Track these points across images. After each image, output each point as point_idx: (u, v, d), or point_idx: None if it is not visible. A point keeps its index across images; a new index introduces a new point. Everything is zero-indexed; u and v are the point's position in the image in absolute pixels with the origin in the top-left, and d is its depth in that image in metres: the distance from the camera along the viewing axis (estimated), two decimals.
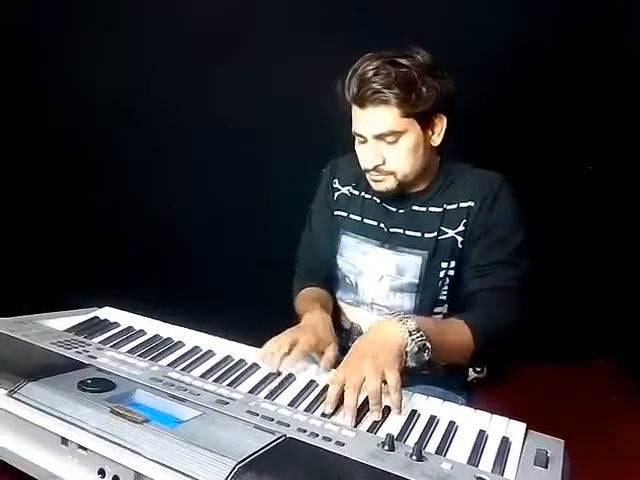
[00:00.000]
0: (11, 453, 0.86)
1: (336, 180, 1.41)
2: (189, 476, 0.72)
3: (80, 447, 0.80)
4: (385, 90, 1.16)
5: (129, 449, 0.76)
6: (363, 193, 1.36)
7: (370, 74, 1.17)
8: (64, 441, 0.81)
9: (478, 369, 1.51)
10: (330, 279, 1.40)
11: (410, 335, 1.01)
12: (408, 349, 1.00)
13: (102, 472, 0.78)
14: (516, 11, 2.26)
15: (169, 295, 2.27)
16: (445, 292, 1.29)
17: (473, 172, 1.31)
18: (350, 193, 1.38)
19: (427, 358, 1.03)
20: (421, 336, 1.01)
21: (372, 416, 0.92)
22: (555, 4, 2.30)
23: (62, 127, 2.52)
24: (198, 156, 2.56)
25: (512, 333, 1.23)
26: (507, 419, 0.95)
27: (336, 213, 1.40)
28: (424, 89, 1.18)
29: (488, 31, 2.23)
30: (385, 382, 0.95)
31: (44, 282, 2.46)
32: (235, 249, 2.52)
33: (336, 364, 1.08)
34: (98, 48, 2.46)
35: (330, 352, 1.14)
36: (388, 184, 1.25)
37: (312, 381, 1.07)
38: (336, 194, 1.41)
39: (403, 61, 1.18)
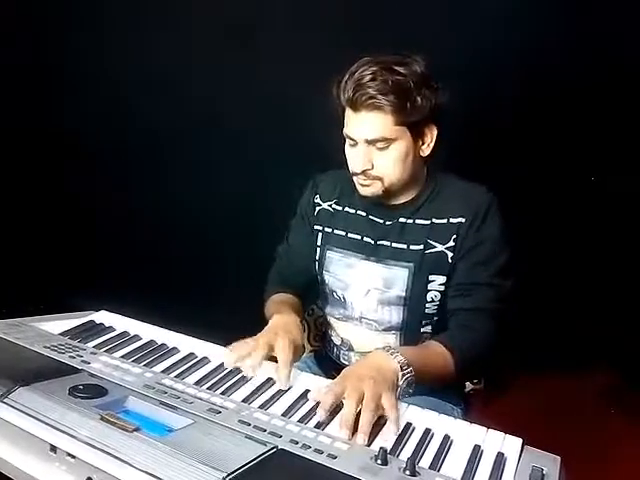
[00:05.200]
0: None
1: (317, 196, 1.42)
2: None
3: (69, 455, 0.78)
4: (380, 97, 1.16)
5: (118, 458, 0.75)
6: (347, 208, 1.37)
7: (367, 79, 1.17)
8: (53, 448, 0.80)
9: (475, 380, 1.51)
10: (303, 290, 1.41)
11: (401, 370, 1.02)
12: (399, 383, 1.02)
13: None
14: (520, 17, 2.27)
15: (168, 299, 2.26)
16: (435, 308, 1.28)
17: (461, 185, 1.31)
18: (333, 209, 1.39)
19: (409, 391, 1.05)
20: (410, 372, 1.03)
21: (358, 439, 0.88)
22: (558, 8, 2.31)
23: (62, 128, 2.52)
24: (198, 160, 2.56)
25: (488, 355, 1.25)
26: (503, 434, 0.94)
27: (316, 227, 1.40)
28: (419, 99, 1.19)
29: (490, 38, 2.24)
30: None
31: (42, 284, 2.45)
32: (237, 254, 2.52)
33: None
34: (97, 48, 2.46)
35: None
36: (374, 189, 1.25)
37: (307, 391, 1.05)
38: (317, 209, 1.41)
39: (400, 69, 1.18)
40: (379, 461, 0.80)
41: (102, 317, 1.30)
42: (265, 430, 0.85)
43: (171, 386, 0.98)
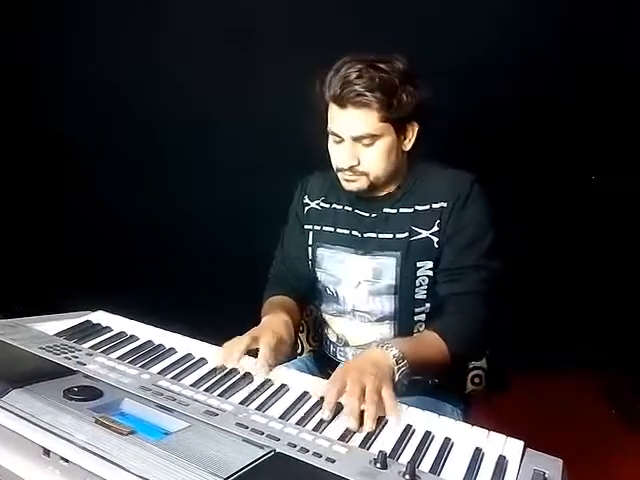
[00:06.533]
0: None
1: (306, 196, 1.44)
2: None
3: (62, 459, 0.77)
4: (368, 93, 1.18)
5: (112, 462, 0.73)
6: (334, 205, 1.39)
7: (353, 76, 1.18)
8: (46, 452, 0.78)
9: (476, 381, 1.50)
10: (301, 292, 1.42)
11: (397, 364, 1.04)
12: (396, 377, 1.03)
13: None
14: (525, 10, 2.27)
15: (166, 300, 2.25)
16: (424, 292, 1.29)
17: (443, 172, 1.32)
18: (320, 207, 1.41)
19: (404, 383, 1.07)
20: (405, 365, 1.05)
21: (366, 427, 0.90)
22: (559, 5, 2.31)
23: (61, 128, 2.51)
24: (197, 161, 2.55)
25: (481, 335, 1.26)
26: (504, 436, 0.92)
27: (306, 227, 1.42)
28: (404, 96, 1.20)
29: (495, 33, 2.23)
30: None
31: (39, 284, 2.45)
32: (235, 254, 2.50)
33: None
34: (97, 51, 2.46)
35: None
36: (360, 184, 1.27)
37: (305, 392, 1.04)
38: (306, 209, 1.43)
39: (384, 66, 1.20)
40: (378, 465, 0.79)
41: (99, 317, 1.29)
42: (263, 433, 0.84)
43: (168, 388, 0.97)
